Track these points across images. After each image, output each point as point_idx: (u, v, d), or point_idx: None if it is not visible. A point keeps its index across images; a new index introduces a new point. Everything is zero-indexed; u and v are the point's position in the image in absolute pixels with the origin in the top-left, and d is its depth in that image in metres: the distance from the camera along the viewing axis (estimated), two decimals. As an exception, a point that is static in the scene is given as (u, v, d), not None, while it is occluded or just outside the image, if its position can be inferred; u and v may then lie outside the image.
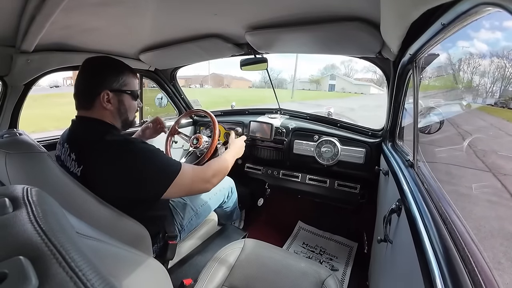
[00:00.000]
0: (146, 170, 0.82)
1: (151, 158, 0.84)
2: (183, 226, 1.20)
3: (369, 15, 0.92)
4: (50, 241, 0.24)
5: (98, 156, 0.81)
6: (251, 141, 1.86)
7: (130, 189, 0.82)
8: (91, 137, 0.84)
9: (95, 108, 0.88)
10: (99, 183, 0.81)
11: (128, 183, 0.81)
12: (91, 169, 0.81)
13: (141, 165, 0.82)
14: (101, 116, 0.89)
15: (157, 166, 0.85)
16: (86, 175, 0.81)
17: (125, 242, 0.55)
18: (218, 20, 1.09)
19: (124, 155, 0.81)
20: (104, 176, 0.81)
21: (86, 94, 0.88)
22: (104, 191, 0.81)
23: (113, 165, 0.80)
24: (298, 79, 56.14)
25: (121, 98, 0.92)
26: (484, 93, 5.67)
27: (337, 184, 1.71)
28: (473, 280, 0.41)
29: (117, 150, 0.81)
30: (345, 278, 1.58)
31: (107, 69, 0.90)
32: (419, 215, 0.63)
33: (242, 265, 1.02)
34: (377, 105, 17.25)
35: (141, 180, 0.81)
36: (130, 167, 0.80)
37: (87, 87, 0.89)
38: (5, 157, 0.69)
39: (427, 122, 1.10)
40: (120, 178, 0.80)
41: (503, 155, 2.77)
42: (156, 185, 0.84)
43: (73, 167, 0.83)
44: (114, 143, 0.82)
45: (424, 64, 0.95)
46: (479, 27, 8.25)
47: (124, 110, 0.94)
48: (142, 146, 0.85)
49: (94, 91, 0.87)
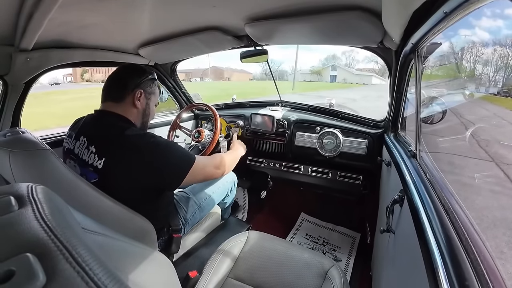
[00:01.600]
0: (166, 161, 0.89)
1: (170, 150, 0.92)
2: (187, 219, 1.22)
3: (370, 4, 0.91)
4: (57, 238, 0.25)
5: (121, 148, 0.86)
6: (252, 133, 1.86)
7: (150, 178, 0.88)
8: (113, 131, 0.89)
9: (125, 102, 0.96)
10: (121, 173, 0.86)
11: (149, 172, 0.87)
12: (114, 160, 0.86)
13: (162, 156, 0.89)
14: (127, 112, 0.97)
15: (176, 157, 0.93)
16: (108, 167, 0.85)
17: (131, 237, 0.55)
18: (217, 12, 1.08)
19: (147, 147, 0.87)
20: (127, 166, 0.86)
21: (121, 87, 0.97)
22: (125, 181, 0.87)
23: (136, 157, 0.86)
24: (299, 70, 55.70)
25: (149, 101, 1.04)
26: (487, 82, 5.60)
27: (340, 176, 1.71)
28: (475, 270, 0.42)
29: (140, 142, 0.87)
30: (348, 268, 1.60)
31: (145, 75, 1.01)
32: (422, 205, 0.63)
33: (246, 257, 1.03)
34: (379, 95, 17.14)
35: (162, 170, 0.88)
36: (153, 158, 0.87)
37: (125, 82, 0.98)
38: (9, 155, 0.69)
39: (429, 112, 1.09)
40: (142, 168, 0.86)
41: (506, 145, 2.75)
42: (174, 175, 0.92)
43: (92, 160, 0.87)
44: (136, 136, 0.89)
45: (426, 53, 0.93)
46: (482, 15, 8.11)
47: (147, 112, 1.05)
48: (162, 139, 0.92)
49: (130, 86, 0.97)
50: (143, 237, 0.90)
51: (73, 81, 35.93)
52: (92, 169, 0.86)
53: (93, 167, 0.86)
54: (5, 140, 0.73)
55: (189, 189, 1.33)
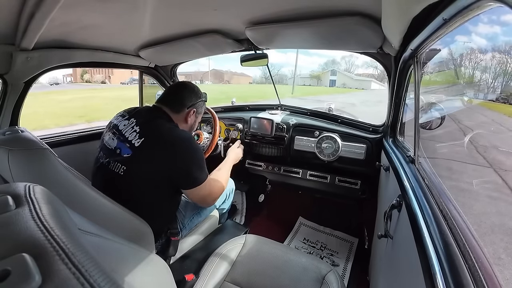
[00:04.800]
0: (188, 164, 0.98)
1: (197, 158, 1.01)
2: (185, 224, 1.21)
3: (370, 9, 0.92)
4: (53, 238, 0.25)
5: (162, 136, 0.97)
6: (251, 137, 1.86)
7: (166, 172, 0.96)
8: (161, 123, 1.02)
9: (179, 115, 1.12)
10: (150, 157, 0.94)
11: (169, 166, 0.95)
12: (151, 143, 0.95)
13: (187, 159, 0.98)
14: (178, 122, 1.12)
15: (198, 167, 1.01)
16: (144, 147, 0.94)
17: (128, 238, 0.55)
18: (218, 15, 1.09)
19: (182, 145, 0.98)
20: (157, 152, 0.94)
21: (179, 103, 1.13)
22: (147, 164, 0.94)
23: (169, 147, 0.95)
24: (298, 74, 55.87)
25: (196, 119, 1.22)
26: (485, 88, 5.64)
27: (338, 180, 1.71)
28: (473, 276, 0.41)
29: (179, 138, 0.99)
30: (345, 274, 1.59)
31: (200, 96, 1.20)
32: (420, 210, 0.63)
33: (243, 261, 1.02)
34: (378, 101, 17.20)
35: (180, 170, 0.97)
36: (180, 155, 0.97)
37: (183, 99, 1.13)
38: (8, 154, 0.69)
39: (428, 118, 1.09)
40: (167, 159, 0.95)
41: (504, 151, 2.76)
42: (185, 180, 1.00)
43: (132, 137, 0.97)
44: (179, 132, 1.03)
45: (426, 59, 0.94)
46: (481, 22, 8.19)
47: (193, 127, 1.22)
48: (197, 146, 1.04)
49: (187, 104, 1.13)
50: (140, 239, 0.90)
51: (72, 82, 35.91)
52: (129, 145, 0.95)
53: (131, 144, 0.95)
54: (4, 138, 0.73)
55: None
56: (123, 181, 0.95)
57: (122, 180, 0.95)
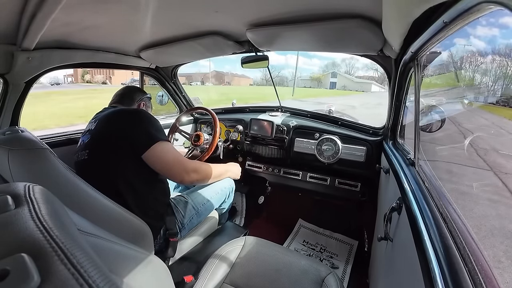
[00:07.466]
0: (143, 126, 1.04)
1: (152, 122, 1.08)
2: (184, 224, 1.21)
3: (370, 12, 0.92)
4: (52, 239, 0.25)
5: (114, 113, 1.08)
6: (251, 138, 1.86)
7: (125, 138, 1.01)
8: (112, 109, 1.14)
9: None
10: (105, 131, 1.04)
11: (126, 132, 1.02)
12: (104, 120, 1.06)
13: (143, 122, 1.05)
14: None
15: (153, 128, 1.06)
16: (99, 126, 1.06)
17: (127, 239, 0.55)
18: (219, 17, 1.09)
19: (135, 113, 1.08)
20: (112, 125, 1.04)
21: (130, 99, 1.30)
22: (105, 140, 1.02)
23: (123, 116, 1.06)
24: (299, 76, 56.06)
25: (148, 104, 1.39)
26: (485, 91, 5.64)
27: (338, 182, 1.71)
28: (473, 279, 0.41)
29: (130, 109, 1.13)
30: (345, 276, 1.58)
31: (145, 93, 1.38)
32: (420, 213, 0.63)
33: (243, 263, 1.02)
34: (378, 103, 17.22)
35: (137, 131, 1.03)
36: (134, 121, 1.05)
37: (132, 95, 1.31)
38: (8, 154, 0.69)
39: (428, 120, 1.09)
40: (123, 126, 1.03)
41: (504, 154, 2.76)
42: (145, 140, 1.03)
43: (90, 126, 1.10)
44: (128, 108, 1.20)
45: (426, 62, 0.94)
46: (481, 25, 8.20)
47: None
48: (151, 115, 1.12)
49: (136, 99, 1.31)
50: (139, 240, 0.89)
51: (73, 82, 35.95)
52: (88, 132, 1.07)
53: (89, 131, 1.06)
54: (4, 138, 0.73)
55: (187, 193, 1.33)
56: (90, 163, 1.01)
57: (89, 163, 1.01)
